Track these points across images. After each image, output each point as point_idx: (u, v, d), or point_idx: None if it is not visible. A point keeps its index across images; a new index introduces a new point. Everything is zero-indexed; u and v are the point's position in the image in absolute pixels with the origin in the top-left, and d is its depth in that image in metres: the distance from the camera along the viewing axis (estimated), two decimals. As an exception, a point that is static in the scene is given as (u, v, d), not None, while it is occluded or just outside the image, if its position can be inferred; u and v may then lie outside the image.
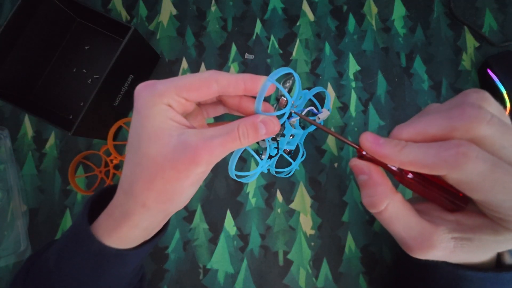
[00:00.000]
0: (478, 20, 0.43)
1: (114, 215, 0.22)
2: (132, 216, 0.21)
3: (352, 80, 0.42)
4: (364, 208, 0.39)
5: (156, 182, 0.20)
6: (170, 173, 0.20)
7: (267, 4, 0.45)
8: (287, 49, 0.43)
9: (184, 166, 0.20)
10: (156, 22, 0.45)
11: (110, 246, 0.22)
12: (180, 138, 0.20)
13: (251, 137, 0.21)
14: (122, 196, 0.22)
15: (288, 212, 0.39)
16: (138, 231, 0.23)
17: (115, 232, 0.22)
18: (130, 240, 0.23)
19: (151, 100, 0.20)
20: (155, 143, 0.20)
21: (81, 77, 0.43)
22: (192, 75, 0.22)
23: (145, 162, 0.20)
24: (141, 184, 0.20)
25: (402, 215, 0.19)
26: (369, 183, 0.19)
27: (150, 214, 0.22)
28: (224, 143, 0.20)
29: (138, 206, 0.21)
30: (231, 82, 0.22)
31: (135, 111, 0.21)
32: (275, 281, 0.38)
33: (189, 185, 0.21)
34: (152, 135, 0.20)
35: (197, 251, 0.39)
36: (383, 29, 0.43)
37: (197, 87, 0.21)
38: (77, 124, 0.34)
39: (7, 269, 0.39)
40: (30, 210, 0.41)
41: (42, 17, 0.40)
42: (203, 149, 0.19)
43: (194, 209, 0.40)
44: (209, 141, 0.20)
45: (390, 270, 0.37)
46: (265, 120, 0.22)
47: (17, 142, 0.42)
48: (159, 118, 0.20)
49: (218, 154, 0.20)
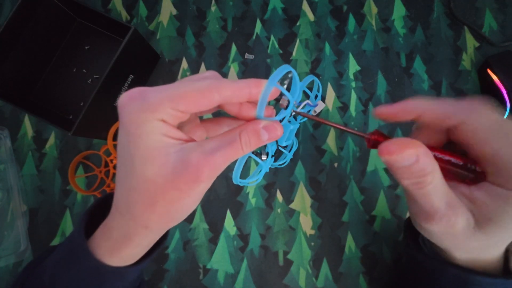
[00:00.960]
0: (478, 20, 0.43)
1: (113, 237, 0.21)
2: (134, 237, 0.21)
3: (352, 80, 0.42)
4: (364, 208, 0.39)
5: (158, 204, 0.19)
6: (172, 194, 0.19)
7: (267, 4, 0.45)
8: (287, 49, 0.43)
9: (186, 186, 0.18)
10: (156, 22, 0.45)
11: (109, 264, 0.21)
12: (178, 156, 0.18)
13: (254, 144, 0.20)
14: (119, 217, 0.21)
15: (288, 212, 0.39)
16: (140, 249, 0.22)
17: (117, 252, 0.21)
18: (131, 258, 0.23)
19: (141, 117, 0.18)
20: (152, 165, 0.18)
21: (81, 77, 0.43)
22: (189, 84, 0.19)
23: (143, 185, 0.19)
24: (141, 207, 0.19)
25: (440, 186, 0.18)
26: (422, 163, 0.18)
27: (152, 233, 0.21)
28: (226, 156, 0.19)
29: (139, 228, 0.20)
30: (236, 92, 0.20)
31: (122, 128, 0.19)
32: (275, 281, 0.38)
33: (191, 202, 0.20)
34: (147, 156, 0.18)
35: (197, 251, 0.39)
36: (383, 29, 0.43)
37: (196, 98, 0.19)
38: (77, 124, 0.34)
39: (7, 269, 0.39)
40: (30, 210, 0.41)
41: (42, 17, 0.40)
42: (204, 165, 0.18)
43: (194, 209, 0.40)
44: (210, 156, 0.18)
45: (390, 270, 0.37)
46: (268, 126, 0.21)
47: (17, 142, 0.42)
48: (152, 137, 0.18)
49: (220, 168, 0.19)
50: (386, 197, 0.39)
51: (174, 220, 0.21)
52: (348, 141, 0.41)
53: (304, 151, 0.41)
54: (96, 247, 0.22)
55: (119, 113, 0.19)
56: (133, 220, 0.20)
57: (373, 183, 0.39)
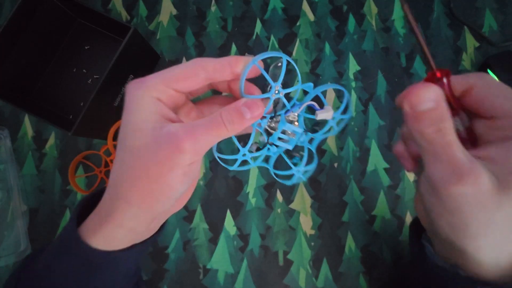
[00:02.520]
0: (478, 20, 0.43)
1: (99, 214, 0.22)
2: (116, 215, 0.20)
3: (352, 80, 0.42)
4: (364, 208, 0.39)
5: (141, 179, 0.19)
6: (154, 169, 0.19)
7: (267, 4, 0.45)
8: (287, 49, 0.43)
9: (166, 156, 0.19)
10: (156, 22, 0.45)
11: (96, 247, 0.21)
12: (163, 130, 0.19)
13: (237, 122, 0.21)
14: (106, 195, 0.21)
15: (288, 212, 0.39)
16: (124, 231, 0.21)
17: (99, 231, 0.21)
18: (115, 240, 0.22)
19: (139, 94, 0.20)
20: (139, 136, 0.19)
21: (81, 77, 0.43)
22: (179, 65, 0.22)
23: (128, 158, 0.20)
24: (125, 183, 0.20)
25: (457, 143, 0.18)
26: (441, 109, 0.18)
27: (135, 213, 0.20)
28: (208, 130, 0.20)
29: (122, 204, 0.20)
30: (217, 67, 0.22)
31: (124, 105, 0.21)
32: (275, 281, 0.38)
33: (174, 178, 0.20)
34: (136, 128, 0.20)
35: (197, 251, 0.39)
36: (383, 29, 0.43)
37: (185, 76, 0.21)
38: (77, 124, 0.34)
39: (7, 269, 0.39)
40: (30, 210, 0.41)
41: (42, 17, 0.40)
42: (185, 136, 0.19)
43: (194, 209, 0.40)
44: (191, 129, 0.19)
45: (390, 270, 0.37)
46: (248, 103, 0.21)
47: (17, 142, 0.42)
48: (144, 112, 0.20)
49: (203, 142, 0.20)
50: (386, 197, 0.39)
51: (157, 198, 0.20)
52: (348, 141, 0.41)
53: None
54: (84, 230, 0.22)
55: (125, 96, 0.21)
56: (116, 196, 0.20)
57: (373, 183, 0.39)
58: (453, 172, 0.18)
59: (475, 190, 0.18)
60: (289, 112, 0.27)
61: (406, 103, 0.18)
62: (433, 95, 0.18)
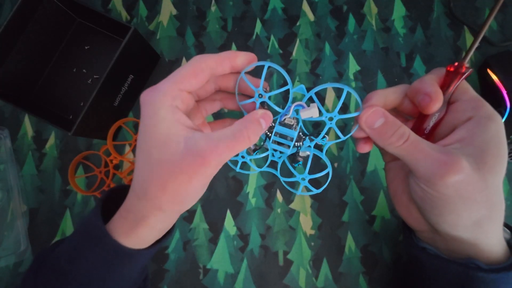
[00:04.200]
0: (478, 20, 0.43)
1: (129, 218, 0.23)
2: (149, 219, 0.22)
3: (352, 80, 0.42)
4: (364, 208, 0.39)
5: (169, 185, 0.21)
6: (182, 177, 0.21)
7: (267, 4, 0.45)
8: (287, 49, 0.43)
9: (193, 170, 0.21)
10: (156, 22, 0.45)
11: (125, 245, 0.23)
12: (188, 144, 0.21)
13: (258, 134, 0.23)
14: (136, 200, 0.23)
15: (288, 212, 0.39)
16: (155, 232, 0.24)
17: (133, 233, 0.23)
18: (146, 241, 0.24)
19: (156, 104, 0.21)
20: (165, 150, 0.21)
21: (81, 77, 0.43)
22: (182, 67, 0.23)
23: (156, 168, 0.21)
24: (154, 189, 0.21)
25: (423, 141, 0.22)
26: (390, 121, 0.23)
27: (166, 215, 0.23)
28: (232, 145, 0.21)
29: (154, 209, 0.22)
30: (218, 62, 0.23)
31: (143, 116, 0.22)
32: (275, 281, 0.38)
33: (199, 186, 0.22)
34: (161, 141, 0.21)
35: (197, 251, 0.39)
36: (383, 29, 0.43)
37: (193, 73, 0.23)
38: (77, 124, 0.34)
39: (7, 269, 0.39)
40: (30, 210, 0.41)
41: (42, 17, 0.40)
42: (211, 153, 0.20)
43: (194, 209, 0.40)
44: (216, 144, 0.21)
45: (390, 270, 0.37)
46: (263, 114, 0.23)
47: (17, 142, 0.42)
48: (165, 123, 0.21)
49: (226, 156, 0.21)
50: (386, 197, 0.39)
51: (184, 203, 0.23)
52: (348, 141, 0.41)
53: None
54: (113, 230, 0.23)
55: (141, 105, 0.22)
56: (148, 202, 0.22)
57: (373, 183, 0.39)
58: (438, 166, 0.20)
59: (463, 176, 0.20)
60: (283, 116, 0.27)
61: (365, 126, 0.23)
62: (380, 113, 0.23)
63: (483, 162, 0.20)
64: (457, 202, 0.21)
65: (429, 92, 0.22)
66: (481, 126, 0.21)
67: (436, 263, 0.24)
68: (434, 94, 0.22)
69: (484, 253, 0.22)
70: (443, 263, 0.23)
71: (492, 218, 0.21)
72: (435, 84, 0.23)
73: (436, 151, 0.21)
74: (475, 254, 0.22)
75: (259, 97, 0.26)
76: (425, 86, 0.23)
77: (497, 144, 0.21)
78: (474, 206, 0.21)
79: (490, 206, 0.21)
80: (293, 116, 0.27)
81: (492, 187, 0.21)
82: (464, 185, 0.20)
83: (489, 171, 0.20)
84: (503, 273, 0.21)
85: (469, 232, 0.22)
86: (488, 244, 0.22)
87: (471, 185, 0.20)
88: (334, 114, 0.25)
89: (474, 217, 0.21)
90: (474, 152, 0.21)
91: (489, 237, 0.22)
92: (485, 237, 0.22)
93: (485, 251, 0.22)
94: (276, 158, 0.32)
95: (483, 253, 0.22)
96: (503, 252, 0.22)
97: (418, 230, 0.26)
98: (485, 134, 0.21)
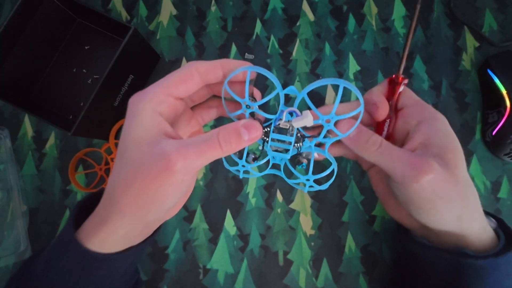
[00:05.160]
0: (478, 20, 0.43)
1: (94, 221, 0.22)
2: (109, 221, 0.21)
3: (352, 80, 0.42)
4: (364, 208, 0.39)
5: (131, 187, 0.20)
6: (144, 180, 0.19)
7: (267, 4, 0.45)
8: (287, 49, 0.43)
9: (156, 173, 0.19)
10: (156, 22, 0.45)
11: (92, 250, 0.22)
12: (158, 146, 0.20)
13: (234, 143, 0.21)
14: (102, 202, 0.22)
15: (288, 212, 0.39)
16: (117, 236, 0.22)
17: (95, 235, 0.22)
18: (110, 244, 0.22)
19: (139, 107, 0.21)
20: (135, 151, 0.20)
21: (81, 77, 0.43)
22: (174, 72, 0.23)
23: (124, 169, 0.20)
24: (117, 190, 0.20)
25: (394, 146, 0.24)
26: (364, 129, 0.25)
27: (127, 221, 0.21)
28: (202, 151, 0.20)
29: (115, 212, 0.21)
30: (210, 68, 0.23)
31: (126, 117, 0.22)
32: (275, 281, 0.38)
33: (163, 192, 0.20)
34: (134, 143, 0.20)
35: (197, 251, 0.39)
36: (383, 29, 0.43)
37: (181, 80, 0.22)
38: (77, 124, 0.34)
39: (7, 269, 0.39)
40: (30, 210, 0.41)
41: (42, 17, 0.39)
42: (177, 156, 0.19)
43: (194, 209, 0.40)
44: (184, 148, 0.19)
45: (390, 270, 0.37)
46: (247, 124, 0.21)
47: (17, 142, 0.42)
48: (143, 125, 0.21)
49: (194, 162, 0.19)
50: (386, 197, 0.39)
51: (146, 208, 0.21)
52: (348, 141, 0.41)
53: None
54: (82, 235, 0.22)
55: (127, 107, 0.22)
56: (110, 204, 0.21)
57: (373, 183, 0.39)
58: (411, 168, 0.22)
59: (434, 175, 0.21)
60: (276, 121, 0.26)
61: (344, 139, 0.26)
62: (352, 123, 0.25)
63: (446, 159, 0.22)
64: (436, 202, 0.22)
65: (375, 102, 0.25)
66: (431, 127, 0.24)
67: (429, 254, 0.25)
68: (380, 103, 0.25)
69: (473, 242, 0.23)
70: (435, 253, 0.24)
71: (469, 209, 0.23)
72: (381, 95, 0.26)
73: (407, 155, 0.23)
74: (465, 244, 0.23)
75: (247, 108, 0.25)
76: (372, 97, 0.26)
77: (449, 139, 0.23)
78: (452, 202, 0.22)
79: (465, 198, 0.23)
80: (288, 119, 0.26)
81: (462, 180, 0.22)
82: (438, 183, 0.21)
83: (455, 166, 0.22)
84: (490, 259, 0.22)
85: (454, 225, 0.23)
86: (474, 233, 0.23)
87: (444, 182, 0.22)
88: (331, 116, 0.24)
89: (455, 213, 0.23)
90: (436, 152, 0.22)
91: (473, 227, 0.23)
92: (470, 227, 0.23)
93: (473, 240, 0.23)
94: (277, 160, 0.31)
95: (472, 243, 0.23)
96: (490, 240, 0.24)
97: (411, 228, 0.27)
98: (438, 133, 0.23)
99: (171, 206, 0.23)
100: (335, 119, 0.24)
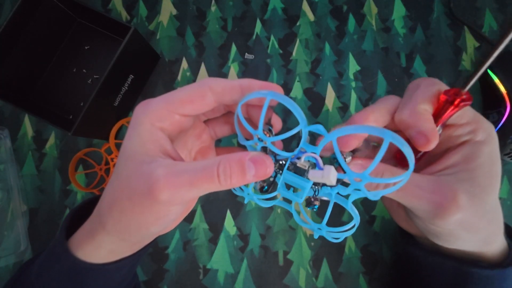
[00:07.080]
0: (478, 20, 0.43)
1: (84, 230, 0.21)
2: (95, 237, 0.20)
3: (352, 80, 0.42)
4: (364, 208, 0.39)
5: (115, 208, 0.18)
6: (125, 203, 0.18)
7: (267, 4, 0.45)
8: (287, 49, 0.43)
9: (138, 199, 0.17)
10: (156, 22, 0.45)
11: (83, 259, 0.21)
12: (149, 166, 0.17)
13: (235, 179, 0.17)
14: (92, 215, 0.21)
15: (288, 212, 0.39)
16: (104, 252, 0.21)
17: (81, 248, 0.21)
18: (99, 257, 0.21)
19: (141, 118, 0.19)
20: (128, 164, 0.18)
21: (81, 77, 0.43)
22: (185, 87, 0.20)
23: (113, 183, 0.19)
24: (105, 207, 0.19)
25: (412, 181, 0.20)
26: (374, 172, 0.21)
27: (112, 239, 0.20)
28: (195, 181, 0.16)
29: (100, 227, 0.20)
30: (227, 89, 0.20)
31: (128, 126, 0.20)
32: (275, 281, 0.38)
33: (146, 222, 0.18)
34: (129, 155, 0.19)
35: (197, 251, 0.39)
36: (383, 29, 0.43)
37: (191, 99, 0.19)
38: (77, 124, 0.34)
39: (7, 269, 0.39)
40: (30, 210, 0.41)
41: (42, 17, 0.39)
42: (164, 184, 0.16)
43: (194, 209, 0.40)
44: (174, 176, 0.16)
45: (390, 270, 0.37)
46: (256, 158, 0.17)
47: (17, 142, 0.42)
48: (140, 140, 0.19)
49: (185, 193, 0.17)
50: (386, 197, 0.39)
51: (126, 233, 0.19)
52: (348, 141, 0.41)
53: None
54: (74, 244, 0.22)
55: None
56: (98, 219, 0.20)
57: (373, 183, 0.39)
58: (435, 208, 0.19)
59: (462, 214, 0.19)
60: (294, 158, 0.21)
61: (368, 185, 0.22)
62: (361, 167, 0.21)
63: (477, 185, 0.19)
64: (461, 233, 0.20)
65: (424, 132, 0.19)
66: (475, 151, 0.20)
67: (432, 260, 0.24)
68: (431, 133, 0.19)
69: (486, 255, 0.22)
70: (439, 259, 0.23)
71: (494, 232, 0.21)
72: (432, 121, 0.19)
73: (429, 192, 0.19)
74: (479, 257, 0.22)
75: (259, 141, 0.20)
76: (419, 123, 0.19)
77: (490, 165, 0.20)
78: (478, 232, 0.20)
79: (491, 224, 0.21)
80: (307, 159, 0.20)
81: (491, 208, 0.20)
82: (466, 218, 0.19)
83: (485, 191, 0.20)
84: (497, 270, 0.21)
85: (474, 248, 0.22)
86: (491, 249, 0.22)
87: (472, 216, 0.19)
88: (364, 176, 0.18)
89: (479, 239, 0.21)
90: (468, 177, 0.20)
91: (492, 246, 0.22)
92: (489, 247, 0.22)
93: (487, 254, 0.22)
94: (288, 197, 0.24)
95: (485, 255, 0.22)
96: (500, 250, 0.23)
97: (419, 236, 0.26)
98: (479, 159, 0.20)
99: (156, 233, 0.21)
100: (367, 181, 0.18)
